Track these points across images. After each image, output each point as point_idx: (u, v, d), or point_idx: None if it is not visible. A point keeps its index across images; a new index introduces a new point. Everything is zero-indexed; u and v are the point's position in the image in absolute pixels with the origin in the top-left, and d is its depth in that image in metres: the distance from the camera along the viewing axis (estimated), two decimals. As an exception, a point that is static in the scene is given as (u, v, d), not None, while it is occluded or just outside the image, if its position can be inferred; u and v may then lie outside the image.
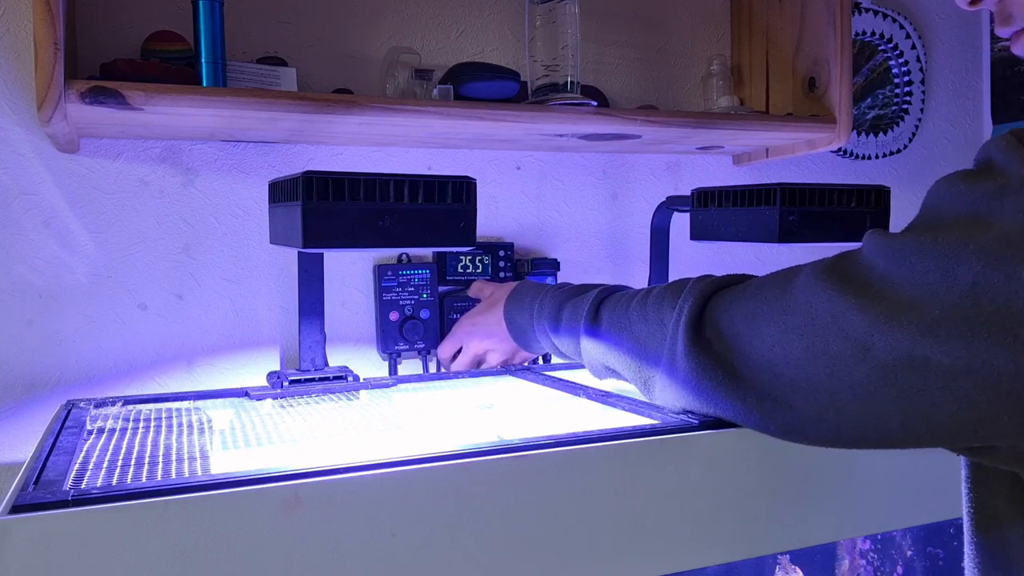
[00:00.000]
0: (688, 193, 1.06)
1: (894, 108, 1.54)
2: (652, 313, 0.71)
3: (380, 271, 1.14)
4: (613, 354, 0.76)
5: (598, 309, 0.79)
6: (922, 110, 1.56)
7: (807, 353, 0.55)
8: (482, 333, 0.99)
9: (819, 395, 0.55)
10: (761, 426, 0.61)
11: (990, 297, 0.46)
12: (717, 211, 1.00)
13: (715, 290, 0.66)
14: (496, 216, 1.24)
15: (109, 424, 0.73)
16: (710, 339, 0.63)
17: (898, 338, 0.50)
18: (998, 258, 0.46)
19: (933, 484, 0.73)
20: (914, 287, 0.50)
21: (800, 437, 0.59)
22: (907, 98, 1.54)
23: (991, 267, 0.47)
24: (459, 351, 1.03)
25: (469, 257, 1.19)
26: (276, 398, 0.85)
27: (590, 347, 0.79)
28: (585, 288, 0.86)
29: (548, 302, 0.88)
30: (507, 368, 1.01)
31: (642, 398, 0.75)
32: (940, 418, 0.50)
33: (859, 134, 1.50)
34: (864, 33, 1.50)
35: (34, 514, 0.47)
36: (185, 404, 0.84)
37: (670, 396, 0.68)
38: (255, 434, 0.71)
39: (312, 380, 0.88)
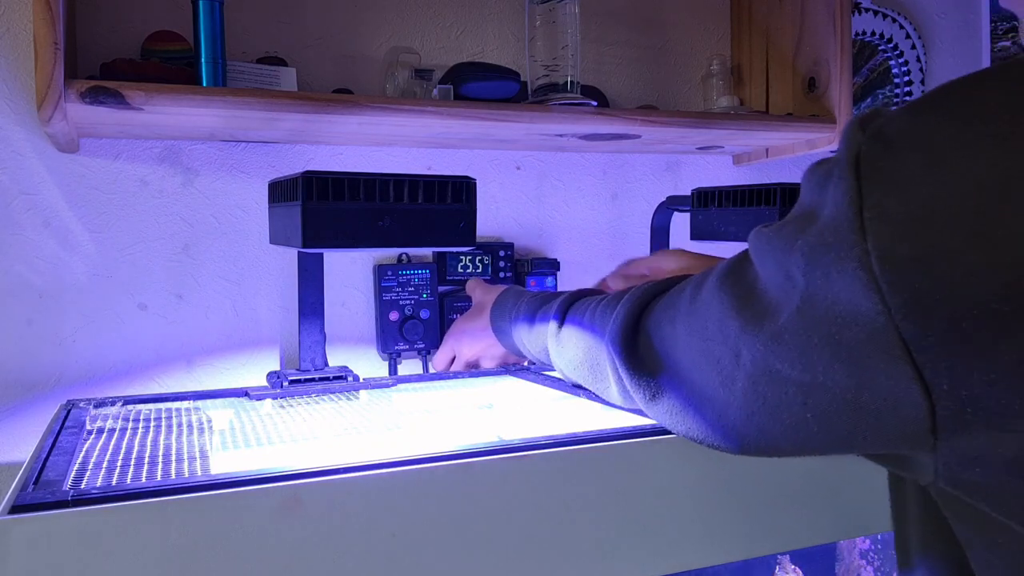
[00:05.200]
0: (688, 193, 1.06)
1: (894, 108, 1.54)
2: (599, 322, 0.68)
3: (380, 271, 1.14)
4: (573, 362, 0.73)
5: (564, 314, 0.76)
6: (922, 110, 1.56)
7: (702, 356, 0.52)
8: (472, 340, 0.98)
9: (715, 404, 0.51)
10: (690, 435, 0.57)
11: (819, 300, 0.41)
12: (717, 211, 1.00)
13: (654, 295, 0.62)
14: (496, 216, 1.24)
15: (109, 424, 0.73)
16: (642, 350, 0.60)
17: (756, 346, 0.45)
18: (817, 255, 0.40)
19: (933, 484, 0.73)
20: (770, 288, 0.45)
21: (718, 446, 0.55)
22: (907, 98, 1.54)
23: (812, 266, 0.41)
24: (453, 359, 1.03)
25: (469, 257, 1.19)
26: (276, 398, 0.85)
27: (555, 354, 0.77)
28: (563, 294, 0.84)
29: (525, 305, 0.86)
30: (507, 368, 1.01)
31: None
32: (810, 435, 0.45)
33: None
34: (864, 33, 1.50)
35: (34, 514, 0.47)
36: (185, 404, 0.84)
37: (626, 405, 0.68)
38: (255, 434, 0.71)
39: (312, 380, 0.88)
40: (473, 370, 1.02)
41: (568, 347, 0.73)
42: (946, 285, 0.35)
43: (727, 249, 1.47)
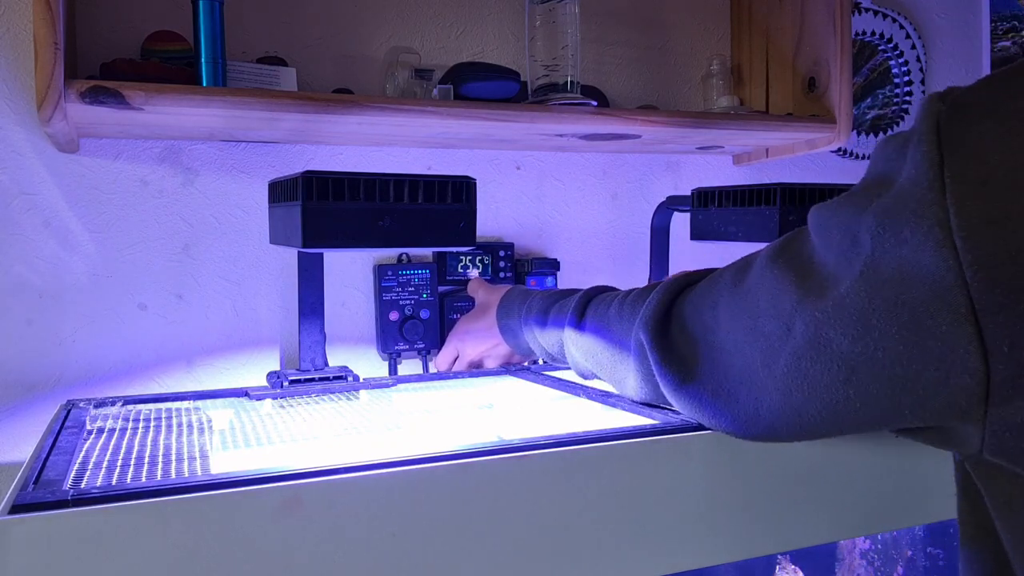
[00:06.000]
0: (688, 193, 1.06)
1: (894, 108, 1.54)
2: (627, 311, 0.69)
3: (380, 271, 1.14)
4: (592, 352, 0.74)
5: (584, 307, 0.77)
6: (922, 110, 1.56)
7: (748, 335, 0.52)
8: (476, 340, 0.99)
9: (754, 386, 0.53)
10: (714, 422, 0.59)
11: (886, 262, 0.42)
12: (717, 211, 1.00)
13: (686, 284, 0.64)
14: (496, 216, 1.24)
15: (109, 424, 0.73)
16: (675, 336, 0.61)
17: (812, 315, 0.47)
18: (891, 217, 0.42)
19: (932, 484, 0.73)
20: (831, 258, 0.46)
21: (746, 432, 0.56)
22: (907, 98, 1.54)
23: (884, 227, 0.42)
24: (456, 359, 1.03)
25: (469, 257, 1.19)
26: (276, 398, 0.85)
27: (572, 345, 0.78)
28: (574, 291, 0.85)
29: (537, 302, 0.87)
30: (507, 368, 1.01)
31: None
32: (849, 412, 0.47)
33: (859, 134, 1.50)
34: (864, 33, 1.50)
35: (34, 514, 0.47)
36: (185, 404, 0.84)
37: (641, 397, 0.69)
38: (255, 434, 0.71)
39: (312, 380, 0.88)
40: (475, 370, 1.02)
41: (587, 340, 0.75)
42: (1017, 245, 0.38)
43: (727, 249, 1.48)
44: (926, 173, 0.40)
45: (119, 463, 0.59)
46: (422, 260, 1.18)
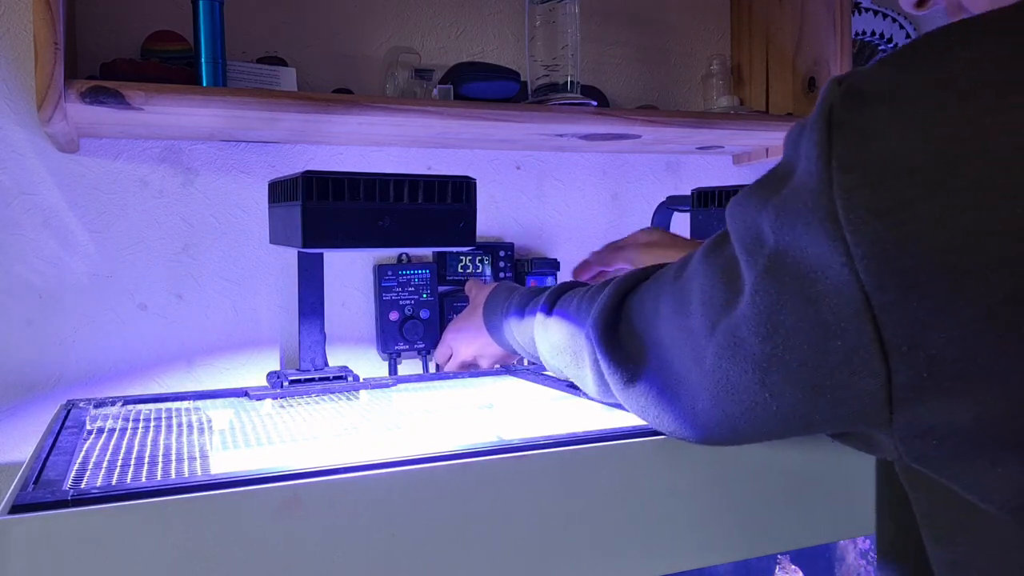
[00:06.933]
0: (688, 193, 1.06)
1: (894, 108, 1.54)
2: (584, 308, 0.66)
3: (380, 271, 1.14)
4: (557, 350, 0.72)
5: (553, 304, 0.74)
6: (922, 110, 1.56)
7: (681, 333, 0.50)
8: (467, 339, 0.98)
9: (689, 385, 0.50)
10: (659, 423, 0.57)
11: (787, 257, 0.40)
12: (717, 211, 1.00)
13: (640, 280, 0.61)
14: (496, 216, 1.24)
15: (109, 424, 0.73)
16: (623, 334, 0.59)
17: (728, 313, 0.45)
18: (787, 210, 0.40)
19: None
20: (742, 254, 0.44)
21: (685, 434, 0.54)
22: (907, 98, 1.54)
23: (782, 221, 0.40)
24: (451, 357, 1.03)
25: (469, 257, 1.19)
26: (276, 398, 0.85)
27: (541, 343, 0.76)
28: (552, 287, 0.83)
29: (516, 300, 0.85)
30: (507, 368, 1.01)
31: None
32: (768, 416, 0.45)
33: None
34: (864, 33, 1.50)
35: (34, 514, 0.47)
36: (185, 404, 0.83)
37: (600, 396, 0.67)
38: (255, 434, 0.71)
39: (312, 380, 0.88)
40: (472, 370, 1.02)
41: (552, 335, 0.72)
42: (907, 237, 0.35)
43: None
44: (815, 163, 0.38)
45: (119, 463, 0.59)
46: (422, 260, 1.18)
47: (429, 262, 1.18)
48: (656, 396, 0.55)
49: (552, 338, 0.73)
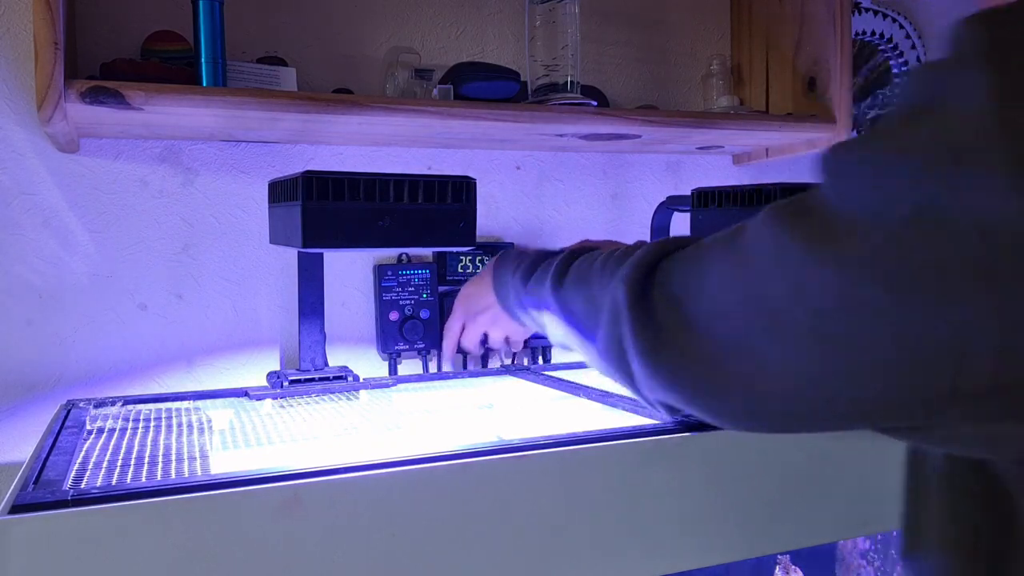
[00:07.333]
0: (688, 193, 1.06)
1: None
2: (611, 265, 0.61)
3: (380, 271, 1.14)
4: (568, 308, 0.66)
5: (567, 268, 0.68)
6: (922, 110, 1.56)
7: (745, 300, 0.46)
8: (477, 306, 0.90)
9: (754, 353, 0.45)
10: (694, 401, 0.52)
11: (931, 215, 0.36)
12: (717, 211, 1.00)
13: (675, 248, 0.56)
14: (496, 216, 1.24)
15: (109, 424, 0.73)
16: (655, 299, 0.54)
17: (832, 273, 0.40)
18: (938, 160, 0.35)
19: (933, 484, 0.73)
20: (860, 205, 0.40)
21: (733, 413, 0.50)
22: (907, 98, 1.54)
23: (927, 174, 0.36)
24: (463, 328, 0.94)
25: (469, 257, 1.19)
26: (276, 398, 0.85)
27: (553, 301, 0.69)
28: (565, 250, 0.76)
29: (527, 261, 0.78)
30: (507, 368, 1.01)
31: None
32: (890, 381, 0.40)
33: (859, 134, 1.50)
34: (864, 33, 1.50)
35: (34, 514, 0.47)
36: (185, 404, 0.84)
37: (597, 361, 0.62)
38: (255, 434, 0.71)
39: (312, 380, 0.88)
40: (481, 344, 0.94)
41: (567, 295, 0.67)
42: None
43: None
44: (979, 101, 0.34)
45: (119, 463, 0.59)
46: (422, 260, 1.18)
47: (429, 262, 1.18)
48: (693, 369, 0.51)
49: (567, 294, 0.67)
